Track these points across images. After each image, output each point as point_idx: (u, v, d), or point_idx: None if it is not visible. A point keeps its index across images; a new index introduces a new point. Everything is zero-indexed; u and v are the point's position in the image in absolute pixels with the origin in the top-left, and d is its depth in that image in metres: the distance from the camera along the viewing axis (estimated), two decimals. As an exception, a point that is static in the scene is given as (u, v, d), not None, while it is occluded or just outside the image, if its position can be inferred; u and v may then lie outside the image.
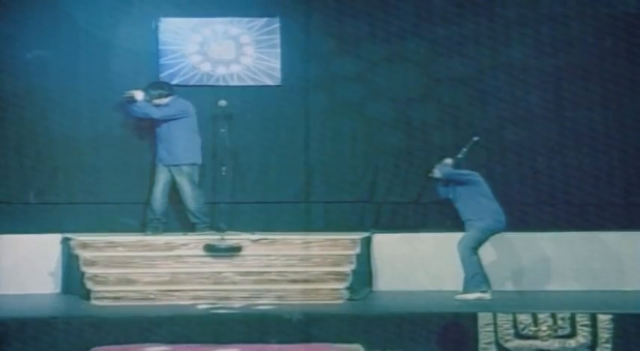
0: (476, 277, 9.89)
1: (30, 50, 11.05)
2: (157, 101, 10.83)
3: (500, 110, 11.38)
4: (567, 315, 8.88)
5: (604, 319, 8.80)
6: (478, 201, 10.06)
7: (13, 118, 11.07)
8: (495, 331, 8.83)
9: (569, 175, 11.33)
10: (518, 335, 8.84)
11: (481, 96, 11.39)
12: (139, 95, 10.80)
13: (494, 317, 8.85)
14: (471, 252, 9.94)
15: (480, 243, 10.02)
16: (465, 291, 9.85)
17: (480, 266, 9.94)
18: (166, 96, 10.86)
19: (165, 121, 10.76)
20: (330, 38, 11.37)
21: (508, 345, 8.81)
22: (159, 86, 10.94)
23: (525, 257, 10.89)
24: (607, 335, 8.76)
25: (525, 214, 11.18)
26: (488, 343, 8.79)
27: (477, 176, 10.17)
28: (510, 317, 8.87)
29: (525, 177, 11.34)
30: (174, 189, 10.88)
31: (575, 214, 11.24)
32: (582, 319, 8.84)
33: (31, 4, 11.09)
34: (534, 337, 8.82)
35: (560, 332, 8.84)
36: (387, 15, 11.36)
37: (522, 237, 10.89)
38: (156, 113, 10.78)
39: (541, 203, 11.31)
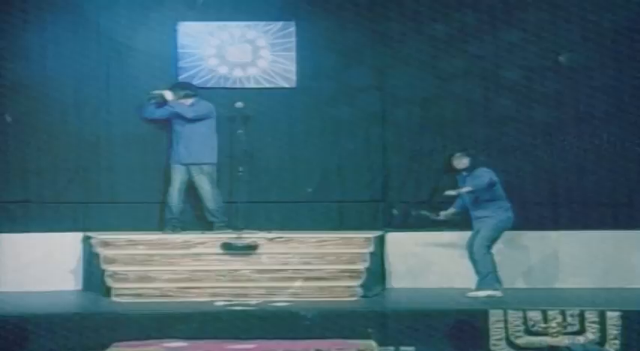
0: (489, 275, 9.88)
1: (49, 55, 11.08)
2: (183, 101, 10.87)
3: (512, 110, 11.35)
4: (576, 312, 8.88)
5: (612, 316, 8.80)
6: (493, 199, 10.05)
7: (32, 120, 11.11)
8: (506, 328, 8.83)
9: (580, 174, 11.29)
10: (529, 332, 8.85)
11: (493, 99, 11.39)
12: (169, 95, 10.84)
13: (505, 314, 8.86)
14: (485, 250, 9.93)
15: (493, 241, 10.01)
16: (478, 289, 9.85)
17: (494, 265, 9.93)
18: (192, 96, 10.91)
19: (190, 121, 10.79)
20: (344, 41, 11.36)
21: (518, 341, 8.82)
22: (184, 87, 10.99)
23: (536, 255, 10.88)
24: (615, 332, 8.76)
25: (536, 213, 11.14)
26: (499, 340, 8.80)
27: (494, 176, 10.14)
28: (521, 314, 8.87)
29: (537, 176, 11.30)
30: (190, 188, 10.91)
31: (585, 213, 11.19)
32: (591, 316, 8.84)
33: (52, 9, 11.13)
34: (544, 334, 8.82)
35: (569, 329, 8.83)
36: (399, 18, 11.36)
37: (533, 236, 10.88)
38: (188, 113, 10.81)
39: (552, 202, 11.28)
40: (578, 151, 11.29)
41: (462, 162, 10.24)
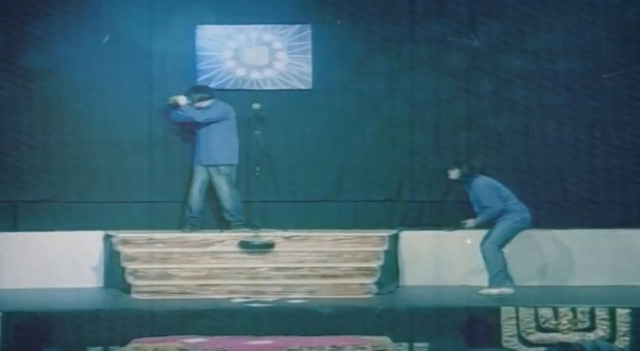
0: (500, 273, 9.88)
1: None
2: (199, 104, 10.92)
3: (528, 110, 11.37)
4: (587, 309, 8.87)
5: (622, 314, 8.79)
6: (504, 201, 10.05)
7: (55, 122, 11.18)
8: (518, 325, 8.83)
9: (592, 174, 11.28)
10: (540, 328, 8.84)
11: (506, 98, 11.39)
12: (182, 100, 10.90)
13: (517, 311, 8.86)
14: (496, 249, 9.93)
15: (506, 241, 10.00)
16: (490, 287, 9.86)
17: (505, 263, 9.93)
18: (207, 99, 10.95)
19: (207, 123, 10.84)
20: (357, 44, 11.39)
21: (530, 338, 8.81)
22: (200, 90, 11.03)
23: (548, 254, 10.86)
24: (625, 328, 8.75)
25: (549, 212, 11.15)
26: (511, 336, 8.80)
27: (491, 184, 10.10)
28: (532, 311, 8.87)
29: (551, 176, 11.30)
30: (210, 188, 10.96)
31: (597, 212, 11.19)
32: (601, 313, 8.83)
33: (73, 11, 11.19)
34: (555, 331, 8.81)
35: (580, 326, 8.82)
36: (411, 21, 11.38)
37: (545, 234, 10.86)
38: (199, 116, 10.86)
39: (564, 201, 11.27)
40: (592, 151, 11.28)
41: (452, 173, 10.28)
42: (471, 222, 10.08)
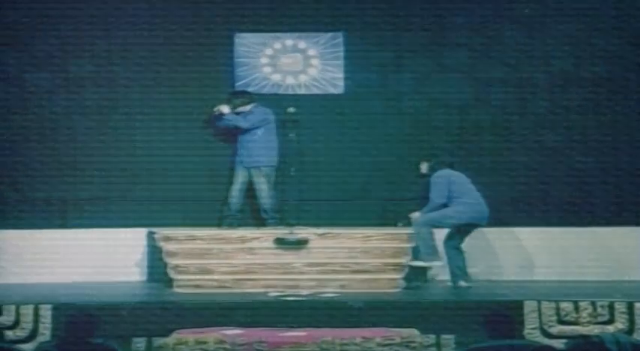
0: (428, 249, 9.90)
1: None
2: (241, 109, 10.97)
3: (544, 112, 11.33)
4: (606, 303, 8.84)
5: (640, 307, 8.77)
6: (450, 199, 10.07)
7: (100, 126, 11.25)
8: (540, 318, 8.81)
9: (616, 175, 11.25)
10: (561, 321, 8.82)
11: (523, 101, 11.36)
12: (225, 109, 10.95)
13: (539, 305, 8.84)
14: (425, 226, 9.96)
15: (438, 225, 10.01)
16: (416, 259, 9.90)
17: (432, 238, 9.94)
18: (247, 103, 10.99)
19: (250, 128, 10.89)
20: (387, 51, 11.39)
21: (551, 330, 8.79)
22: (240, 95, 11.07)
23: (570, 250, 10.81)
24: (643, 321, 8.74)
25: (569, 211, 11.13)
26: (533, 329, 8.78)
27: (445, 180, 10.10)
28: (554, 305, 8.85)
29: (571, 176, 11.25)
30: (248, 188, 11.00)
31: (614, 212, 11.15)
32: (620, 307, 8.80)
33: (122, 20, 11.29)
34: (575, 324, 8.79)
35: (599, 319, 8.79)
36: (439, 27, 11.37)
37: (567, 231, 10.87)
38: (244, 123, 10.89)
39: (584, 199, 11.22)
40: (608, 151, 11.23)
41: (422, 167, 10.36)
42: (416, 215, 10.10)
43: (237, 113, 10.98)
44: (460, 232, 10.18)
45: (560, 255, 10.81)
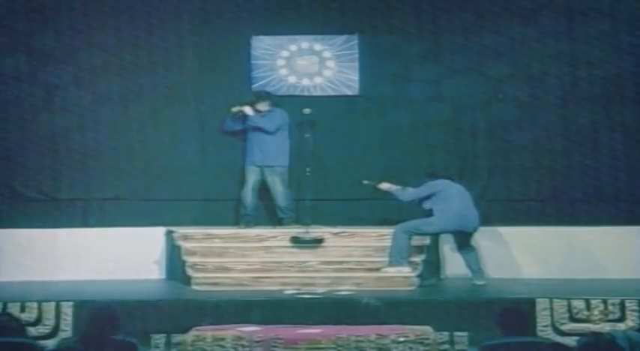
0: (398, 255, 9.78)
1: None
2: (259, 106, 10.94)
3: (557, 113, 11.33)
4: (617, 301, 8.82)
5: (651, 305, 8.75)
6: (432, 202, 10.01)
7: (122, 127, 11.30)
8: (552, 315, 8.81)
9: (629, 174, 11.21)
10: (573, 319, 8.81)
11: (531, 104, 11.34)
12: (249, 110, 10.94)
13: (551, 303, 8.84)
14: (404, 234, 9.84)
15: (417, 233, 9.89)
16: (389, 265, 9.80)
17: (408, 248, 9.83)
18: (269, 105, 10.98)
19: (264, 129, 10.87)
20: (401, 52, 11.39)
21: (563, 328, 8.79)
22: (260, 95, 11.06)
23: (582, 248, 10.78)
24: (654, 319, 8.71)
25: (582, 210, 11.11)
26: (546, 326, 8.78)
27: (430, 189, 10.05)
28: (565, 303, 8.84)
29: (585, 175, 11.22)
30: (262, 187, 11.01)
31: (625, 210, 11.11)
32: (631, 305, 8.78)
33: (140, 20, 11.31)
34: (587, 321, 8.77)
35: (610, 316, 8.78)
36: (450, 31, 11.36)
37: (579, 230, 10.85)
38: (270, 126, 10.85)
39: (596, 199, 11.19)
40: (626, 151, 11.21)
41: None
42: (386, 185, 10.15)
43: (260, 115, 10.97)
44: (456, 237, 10.17)
45: (572, 253, 10.77)
